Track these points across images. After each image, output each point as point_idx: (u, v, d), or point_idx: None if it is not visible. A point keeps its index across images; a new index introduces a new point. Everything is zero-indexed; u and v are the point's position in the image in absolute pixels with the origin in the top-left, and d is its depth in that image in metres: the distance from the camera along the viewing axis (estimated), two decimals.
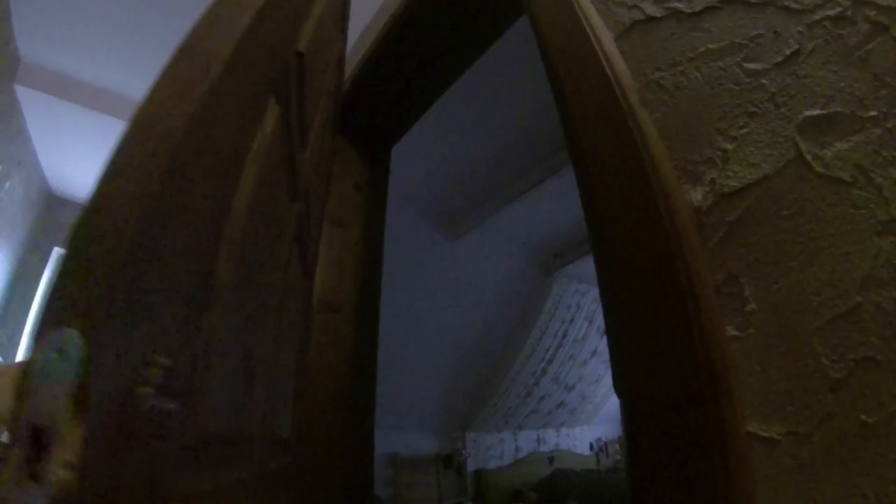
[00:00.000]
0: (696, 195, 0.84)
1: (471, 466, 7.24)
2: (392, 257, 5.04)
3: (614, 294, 0.91)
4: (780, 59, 0.80)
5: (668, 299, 0.78)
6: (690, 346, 0.73)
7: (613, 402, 9.89)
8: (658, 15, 1.01)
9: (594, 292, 7.42)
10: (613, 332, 0.91)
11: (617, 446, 10.23)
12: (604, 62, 1.03)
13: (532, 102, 4.11)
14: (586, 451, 9.64)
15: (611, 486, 6.65)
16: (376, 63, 2.39)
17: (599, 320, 7.81)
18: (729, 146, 0.81)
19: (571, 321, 7.45)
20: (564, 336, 7.54)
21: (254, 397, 1.63)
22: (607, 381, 9.08)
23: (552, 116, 3.67)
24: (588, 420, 9.88)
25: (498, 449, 7.84)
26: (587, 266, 6.75)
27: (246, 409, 1.58)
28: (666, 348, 0.77)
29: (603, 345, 8.30)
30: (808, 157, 0.73)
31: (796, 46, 0.78)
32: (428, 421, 6.90)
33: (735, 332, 0.75)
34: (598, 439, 9.94)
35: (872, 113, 0.68)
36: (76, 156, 4.47)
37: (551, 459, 8.37)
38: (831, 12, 0.75)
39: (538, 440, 8.69)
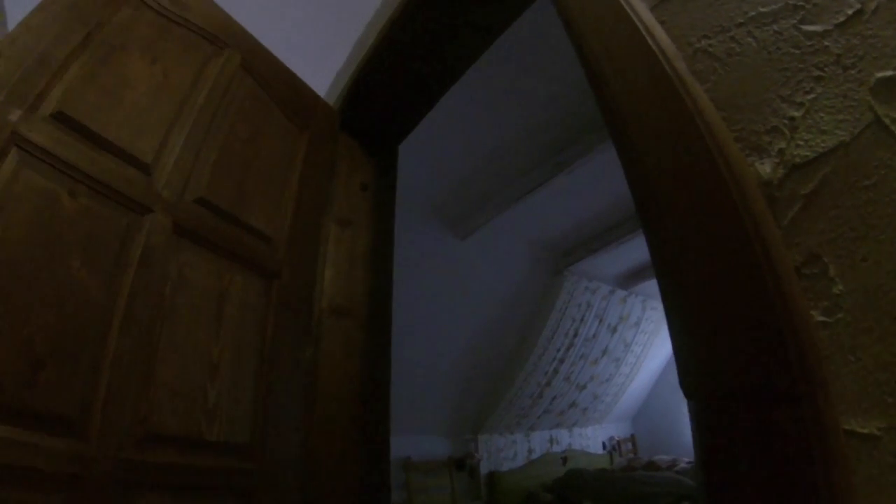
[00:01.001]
0: (765, 167, 0.76)
1: (484, 469, 7.19)
2: (399, 257, 5.01)
3: (676, 280, 0.84)
4: (841, 19, 0.74)
5: (745, 283, 0.70)
6: (777, 334, 0.65)
7: (625, 401, 9.93)
8: None
9: (604, 290, 7.39)
10: (677, 324, 0.83)
11: (629, 445, 10.21)
12: (644, 34, 0.96)
13: (539, 99, 4.06)
14: (599, 451, 9.63)
15: (625, 484, 6.58)
16: (381, 57, 2.33)
17: (610, 318, 7.79)
18: (796, 113, 0.74)
19: (582, 319, 7.38)
20: (575, 335, 7.48)
21: (209, 399, 1.57)
22: (618, 379, 9.09)
23: (559, 113, 3.64)
24: (600, 419, 9.83)
25: (511, 450, 7.78)
26: (597, 264, 6.71)
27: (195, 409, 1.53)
28: (747, 339, 0.69)
29: (614, 343, 8.29)
30: (887, 122, 0.66)
31: (858, 6, 0.72)
32: (439, 423, 6.85)
33: (822, 318, 0.67)
34: (611, 438, 9.93)
35: None
36: None
37: (564, 459, 8.34)
38: None
39: (551, 440, 8.64)
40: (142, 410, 1.38)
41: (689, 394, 0.78)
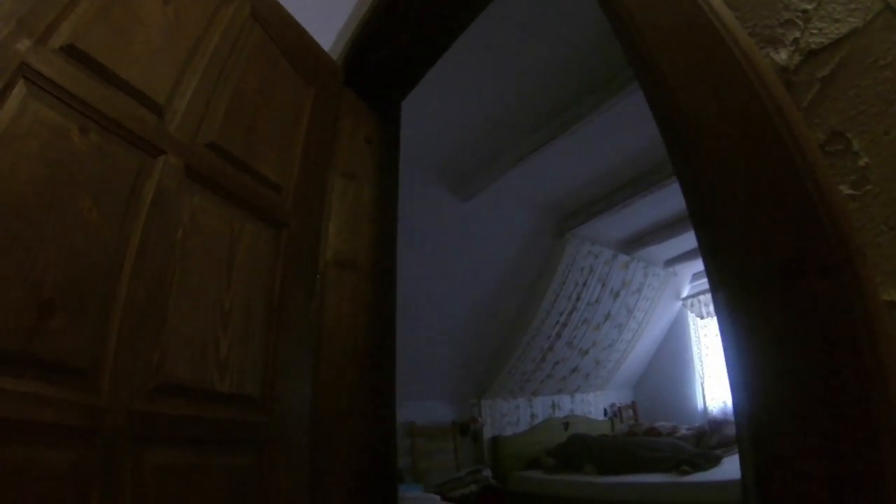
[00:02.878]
0: (780, 56, 0.77)
1: (487, 433, 7.20)
2: (401, 220, 5.01)
3: (698, 168, 0.83)
4: None
5: (773, 159, 0.70)
6: (811, 206, 0.65)
7: (627, 368, 9.95)
8: None
9: (607, 254, 7.38)
10: (703, 209, 0.83)
11: (631, 412, 10.19)
12: None
13: (541, 60, 4.03)
14: (601, 417, 9.60)
15: (626, 449, 6.59)
16: (383, 13, 2.32)
17: (612, 283, 7.78)
18: (808, 6, 0.74)
19: (585, 284, 7.36)
20: (578, 299, 7.45)
21: (220, 349, 1.56)
22: (620, 345, 9.08)
23: (562, 74, 3.61)
24: (602, 385, 9.83)
25: (514, 415, 7.78)
26: (599, 227, 6.71)
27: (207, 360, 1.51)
28: (780, 212, 0.69)
29: (616, 308, 8.29)
30: None
31: None
32: (443, 388, 6.87)
33: (851, 191, 0.67)
34: (612, 405, 9.89)
35: None
36: None
37: (566, 425, 8.32)
38: None
39: (553, 406, 8.63)
40: (154, 359, 1.35)
41: (721, 281, 0.78)
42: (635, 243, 7.79)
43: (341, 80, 2.45)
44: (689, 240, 7.91)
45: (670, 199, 6.41)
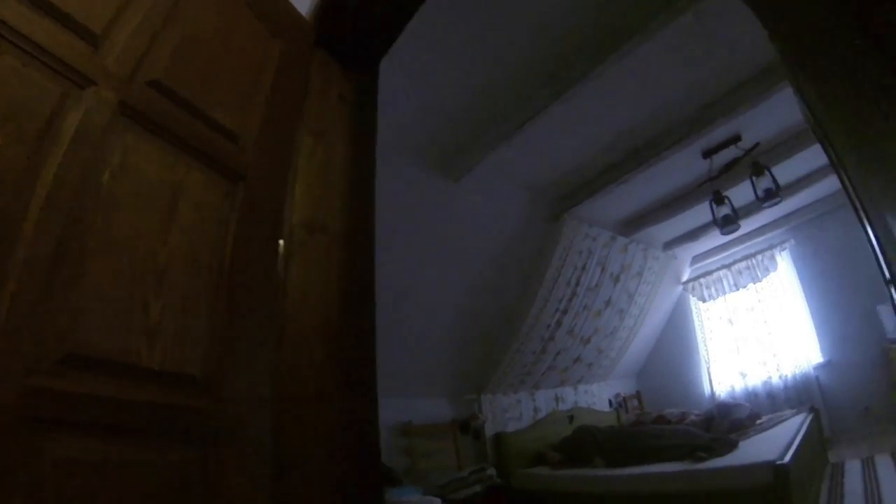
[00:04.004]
0: None
1: (489, 430, 6.94)
2: (389, 203, 4.71)
3: None
4: None
5: None
6: None
7: (629, 356, 9.84)
8: None
9: (605, 236, 7.13)
10: None
11: (636, 401, 10.06)
12: None
13: (530, 24, 3.75)
14: (605, 408, 9.43)
15: (636, 439, 6.36)
16: None
17: (612, 267, 7.56)
18: None
19: (584, 268, 7.11)
20: (577, 284, 7.21)
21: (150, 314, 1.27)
22: (622, 332, 8.93)
23: (552, 38, 3.34)
24: (605, 375, 9.65)
25: (516, 410, 7.53)
26: (597, 208, 6.44)
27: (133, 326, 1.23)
28: None
29: (616, 293, 8.11)
30: None
31: None
32: (440, 385, 6.61)
33: None
34: (617, 395, 9.79)
35: None
36: None
37: (571, 418, 8.10)
38: None
39: (556, 399, 8.40)
40: (63, 322, 1.08)
41: None
42: (634, 224, 7.53)
43: (312, 39, 2.23)
44: (687, 220, 7.78)
45: (668, 175, 6.21)
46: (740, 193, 6.47)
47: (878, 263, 3.94)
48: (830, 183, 7.51)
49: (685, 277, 10.52)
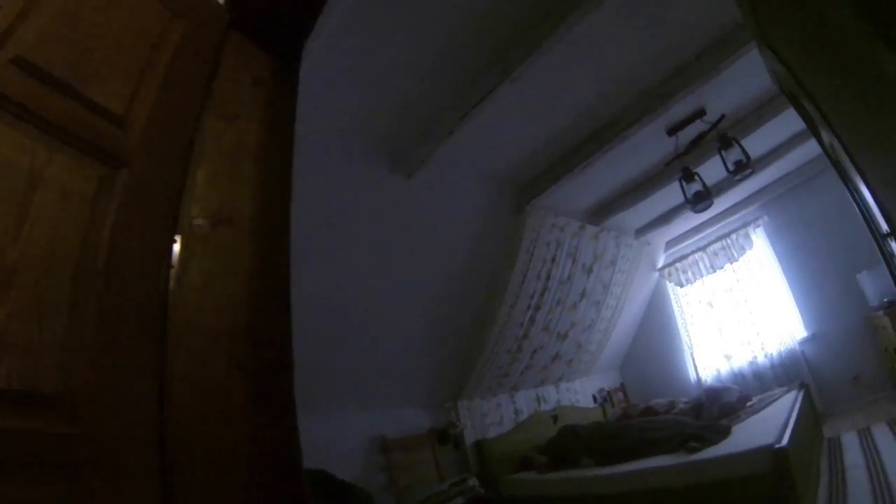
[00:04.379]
0: None
1: (469, 438, 6.66)
2: (343, 207, 4.44)
3: None
4: None
5: None
6: None
7: (610, 349, 9.71)
8: None
9: (573, 226, 6.91)
10: None
11: (621, 394, 9.98)
12: None
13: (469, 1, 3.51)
14: (590, 404, 9.25)
15: (624, 434, 6.19)
16: None
17: (583, 257, 7.36)
18: None
19: (553, 260, 6.86)
20: (548, 278, 6.95)
21: None
22: (601, 325, 8.76)
23: (496, 12, 3.12)
24: (587, 371, 9.46)
25: (496, 415, 7.24)
26: (561, 196, 6.19)
27: None
28: None
29: (591, 285, 7.89)
30: None
31: None
32: (413, 394, 6.30)
33: None
34: (601, 390, 9.66)
35: None
36: None
37: (555, 418, 7.88)
38: None
39: (538, 399, 8.15)
40: None
41: None
42: (603, 212, 7.32)
43: (223, 18, 2.00)
44: (658, 204, 7.65)
45: (634, 157, 6.05)
46: (710, 171, 6.34)
47: (868, 221, 3.75)
48: (799, 154, 7.78)
49: (660, 263, 10.48)
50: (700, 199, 6.11)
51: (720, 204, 8.57)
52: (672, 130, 5.77)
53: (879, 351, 7.70)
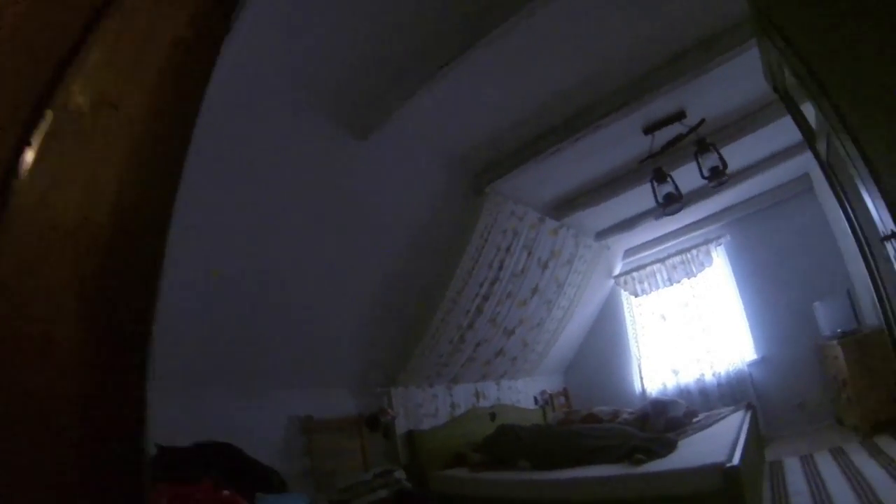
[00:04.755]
0: None
1: (401, 427, 6.30)
2: (285, 159, 4.04)
3: None
4: None
5: None
6: None
7: (557, 352, 9.49)
8: None
9: (532, 217, 6.59)
10: None
11: (563, 399, 9.77)
12: None
13: None
14: (531, 406, 9.01)
15: (567, 439, 5.97)
16: None
17: (540, 251, 7.05)
18: None
19: (508, 250, 6.53)
20: (501, 268, 6.61)
21: None
22: (550, 325, 8.51)
23: None
24: (531, 371, 9.21)
25: (431, 406, 6.90)
26: (524, 184, 5.92)
27: None
28: None
29: (545, 282, 7.62)
30: None
31: None
32: (345, 375, 5.91)
33: None
34: (543, 392, 9.41)
35: None
36: None
37: (493, 415, 7.61)
38: None
39: (477, 394, 7.84)
40: None
41: None
42: (566, 206, 7.03)
43: None
44: (622, 208, 7.50)
45: (605, 151, 5.79)
46: (682, 180, 6.13)
47: (857, 232, 3.53)
48: (771, 177, 7.99)
49: (617, 271, 10.39)
50: (670, 202, 5.90)
51: (685, 217, 8.61)
52: (649, 129, 5.54)
53: (826, 380, 7.84)
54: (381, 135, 4.36)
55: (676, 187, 5.92)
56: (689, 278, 9.57)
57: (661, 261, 9.90)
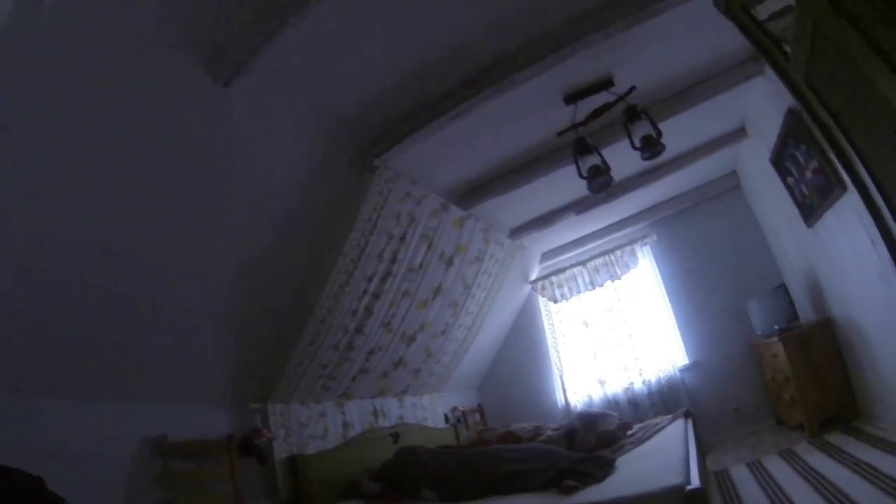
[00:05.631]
0: None
1: (281, 451, 5.35)
2: (117, 103, 3.20)
3: None
4: None
5: None
6: None
7: (468, 365, 8.90)
8: None
9: (433, 202, 5.87)
10: None
11: (478, 416, 9.14)
12: None
13: None
14: (441, 425, 8.22)
15: (481, 463, 5.31)
16: None
17: (442, 243, 6.38)
18: None
19: (402, 239, 5.72)
20: (394, 260, 5.77)
21: None
22: (458, 332, 7.85)
23: None
24: (439, 386, 8.43)
25: (319, 426, 5.92)
26: (424, 160, 5.27)
27: None
28: None
29: (449, 281, 6.91)
30: None
31: None
32: (210, 388, 4.89)
33: None
34: (454, 409, 8.68)
35: None
36: None
37: (395, 436, 6.79)
38: None
39: (375, 412, 6.92)
40: None
41: None
42: (473, 194, 6.40)
43: None
44: (539, 200, 7.11)
45: (519, 123, 5.23)
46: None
47: None
48: (696, 174, 8.35)
49: (534, 275, 10.01)
50: (596, 176, 5.28)
51: (607, 216, 8.94)
52: (571, 98, 5.00)
53: (763, 381, 8.06)
54: (247, 80, 3.59)
55: (603, 159, 5.32)
56: (612, 281, 9.41)
57: (583, 263, 9.66)
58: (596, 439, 5.92)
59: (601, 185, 5.39)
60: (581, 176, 5.35)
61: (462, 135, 5.02)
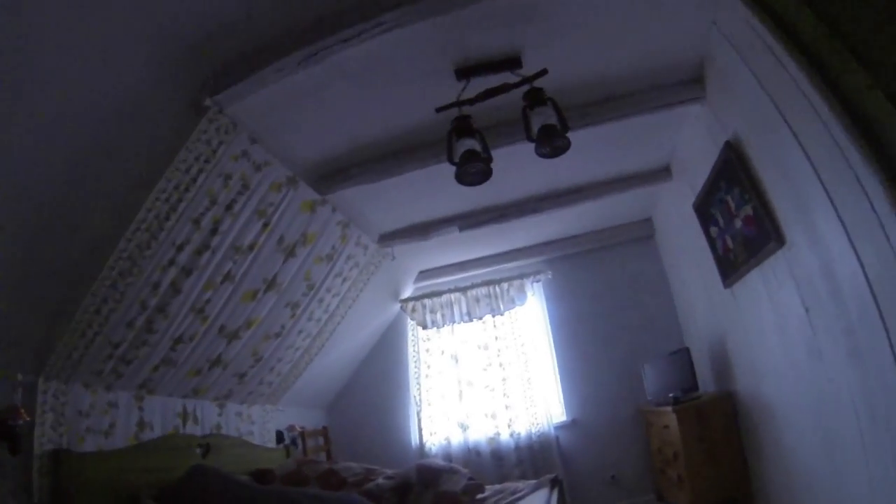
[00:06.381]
0: None
1: (45, 443, 4.27)
2: None
3: None
4: None
5: None
6: None
7: (316, 379, 8.08)
8: None
9: (278, 171, 4.99)
10: None
11: (321, 440, 8.36)
12: None
13: None
14: (271, 443, 7.31)
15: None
16: None
17: (282, 225, 5.50)
18: None
19: (229, 207, 4.69)
20: (214, 231, 4.73)
21: None
22: (299, 340, 7.21)
23: None
24: (273, 398, 7.48)
25: (104, 418, 4.85)
26: (273, 118, 4.51)
27: None
28: None
29: (286, 273, 6.00)
30: None
31: None
32: None
33: None
34: (291, 427, 7.71)
35: None
36: None
37: (207, 448, 5.83)
38: None
39: (185, 415, 5.88)
40: None
41: None
42: (333, 176, 5.57)
43: None
44: (419, 205, 6.53)
45: (395, 85, 4.48)
46: (504, 179, 5.40)
47: None
48: (608, 213, 8.08)
49: (406, 294, 9.39)
50: (471, 159, 4.39)
51: (501, 243, 8.62)
52: (465, 72, 4.33)
53: (648, 451, 7.70)
54: None
55: (486, 147, 4.50)
56: (493, 316, 8.98)
57: (462, 290, 9.24)
58: (434, 500, 5.12)
59: (473, 174, 4.54)
60: (451, 161, 4.50)
61: (319, 90, 4.27)
